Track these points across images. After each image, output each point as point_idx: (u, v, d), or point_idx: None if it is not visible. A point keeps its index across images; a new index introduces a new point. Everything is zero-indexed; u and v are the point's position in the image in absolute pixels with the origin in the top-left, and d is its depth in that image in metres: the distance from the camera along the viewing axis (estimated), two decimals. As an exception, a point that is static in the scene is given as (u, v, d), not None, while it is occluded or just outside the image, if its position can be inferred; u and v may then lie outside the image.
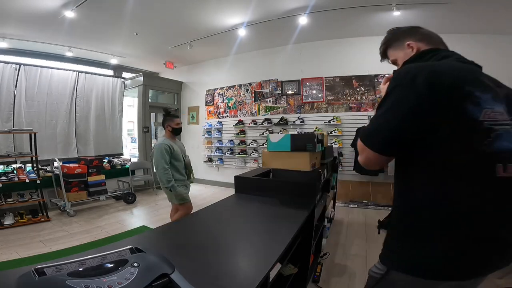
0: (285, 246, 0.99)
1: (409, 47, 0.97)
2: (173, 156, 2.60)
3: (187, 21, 4.19)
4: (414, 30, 1.01)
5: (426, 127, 0.72)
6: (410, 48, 0.97)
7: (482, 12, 3.52)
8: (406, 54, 0.97)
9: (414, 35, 0.99)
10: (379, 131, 0.81)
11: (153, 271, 0.57)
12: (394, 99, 0.77)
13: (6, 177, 3.64)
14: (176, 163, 2.64)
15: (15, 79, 4.46)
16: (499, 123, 0.71)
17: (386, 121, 0.78)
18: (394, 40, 1.05)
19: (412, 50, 0.96)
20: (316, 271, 2.23)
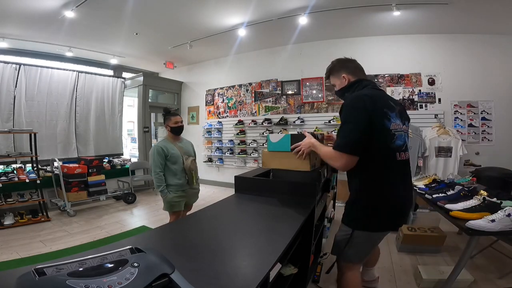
0: (285, 246, 0.99)
1: (343, 77, 1.46)
2: (169, 158, 2.41)
3: (187, 21, 4.18)
4: (348, 64, 1.48)
5: (370, 132, 1.23)
6: (343, 79, 1.46)
7: (482, 12, 3.52)
8: (342, 83, 1.47)
9: (347, 69, 1.47)
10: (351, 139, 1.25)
11: (153, 271, 0.57)
12: (355, 117, 1.25)
13: (6, 177, 3.64)
14: (173, 167, 2.43)
15: (15, 79, 4.46)
16: (397, 130, 1.32)
17: (354, 131, 1.25)
18: (334, 70, 1.51)
19: (345, 80, 1.45)
20: (316, 271, 2.23)
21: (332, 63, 1.53)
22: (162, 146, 2.42)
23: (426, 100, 4.44)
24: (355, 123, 1.24)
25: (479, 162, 4.11)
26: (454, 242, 2.91)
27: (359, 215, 1.35)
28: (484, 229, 1.59)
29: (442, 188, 2.41)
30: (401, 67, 4.54)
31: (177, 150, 2.46)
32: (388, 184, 1.30)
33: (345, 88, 1.45)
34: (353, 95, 1.33)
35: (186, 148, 2.58)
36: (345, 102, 1.33)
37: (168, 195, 2.41)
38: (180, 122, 2.52)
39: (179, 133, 2.55)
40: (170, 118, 2.48)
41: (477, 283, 2.11)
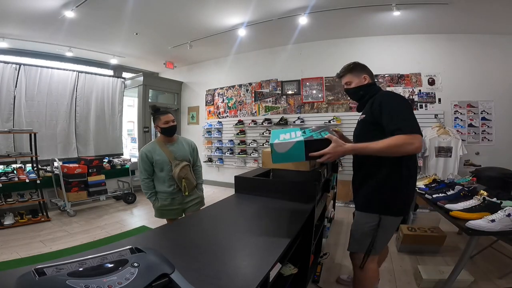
0: (285, 246, 0.99)
1: (364, 78, 1.56)
2: (155, 165, 2.12)
3: (187, 21, 4.18)
4: (367, 68, 1.60)
5: None
6: (364, 79, 1.56)
7: (482, 12, 3.52)
8: (360, 82, 1.56)
9: (367, 72, 1.58)
10: (415, 121, 1.29)
11: (153, 271, 0.57)
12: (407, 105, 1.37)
13: (6, 177, 3.63)
14: (160, 174, 2.13)
15: (15, 79, 4.46)
16: None
17: (411, 114, 1.31)
18: (355, 70, 1.58)
19: (364, 80, 1.56)
20: (316, 271, 2.23)
21: (353, 63, 1.60)
22: (147, 151, 2.12)
23: (426, 100, 4.44)
24: (409, 109, 1.33)
25: (479, 162, 4.11)
26: (454, 242, 2.91)
27: (388, 200, 1.38)
28: (484, 229, 1.59)
29: (442, 188, 2.41)
30: (401, 67, 4.54)
31: (164, 156, 2.11)
32: (415, 168, 1.43)
33: (364, 87, 1.55)
34: (390, 91, 1.61)
35: (180, 151, 2.19)
36: (384, 93, 1.46)
37: (156, 203, 2.17)
38: (172, 122, 2.12)
39: (171, 134, 2.17)
40: (160, 118, 2.10)
41: (477, 283, 2.11)
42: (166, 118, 2.10)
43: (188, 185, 2.16)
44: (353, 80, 1.57)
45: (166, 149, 2.15)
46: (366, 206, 1.46)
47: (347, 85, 1.60)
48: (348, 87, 1.59)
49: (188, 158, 2.22)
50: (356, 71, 1.57)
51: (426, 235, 2.71)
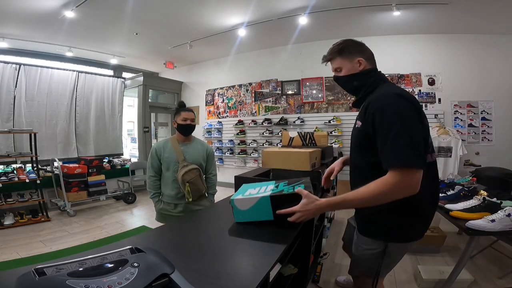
0: (285, 246, 0.99)
1: (358, 62, 1.15)
2: (162, 162, 2.00)
3: (187, 21, 4.18)
4: (364, 48, 1.19)
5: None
6: (358, 64, 1.15)
7: (482, 12, 3.52)
8: (354, 68, 1.16)
9: (364, 54, 1.17)
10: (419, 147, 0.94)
11: (153, 271, 0.57)
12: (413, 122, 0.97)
13: (6, 177, 3.63)
14: (165, 174, 2.00)
15: (15, 79, 4.47)
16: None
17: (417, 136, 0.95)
18: (346, 51, 1.17)
19: (359, 65, 1.15)
20: (316, 271, 2.23)
21: (343, 42, 1.19)
22: (157, 146, 2.04)
23: (426, 100, 4.44)
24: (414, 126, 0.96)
25: (479, 162, 4.11)
26: (454, 242, 2.91)
27: (395, 225, 1.08)
28: (484, 229, 1.59)
29: (442, 188, 2.41)
30: (401, 67, 4.54)
31: (173, 154, 1.97)
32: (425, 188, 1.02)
33: (357, 75, 1.15)
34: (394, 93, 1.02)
35: (192, 153, 2.04)
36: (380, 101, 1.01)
37: (159, 204, 2.03)
38: (190, 120, 1.99)
39: (186, 133, 2.04)
40: (180, 113, 2.01)
41: (477, 283, 2.11)
42: (185, 115, 1.98)
43: (193, 191, 1.94)
44: (344, 65, 1.17)
45: (178, 147, 2.00)
46: (368, 231, 1.16)
47: (336, 71, 1.22)
48: (338, 75, 1.21)
49: (199, 162, 2.04)
50: (347, 53, 1.17)
51: (426, 235, 2.68)
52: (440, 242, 2.71)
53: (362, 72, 1.15)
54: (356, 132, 1.15)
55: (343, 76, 1.19)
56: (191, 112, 2.05)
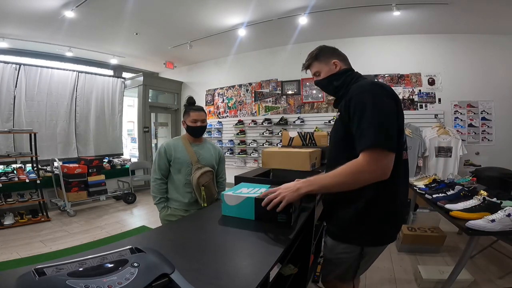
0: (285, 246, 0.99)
1: (334, 64, 1.23)
2: (173, 164, 1.81)
3: (187, 21, 4.18)
4: (338, 51, 1.28)
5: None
6: (334, 65, 1.22)
7: (482, 12, 3.52)
8: (330, 69, 1.23)
9: (338, 56, 1.25)
10: (389, 129, 0.96)
11: (153, 271, 0.57)
12: (386, 103, 1.00)
13: (6, 177, 3.64)
14: (176, 176, 1.82)
15: (15, 79, 4.47)
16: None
17: (388, 118, 0.97)
18: (322, 56, 1.26)
19: (336, 67, 1.22)
20: (316, 271, 2.23)
21: (318, 48, 1.29)
22: (167, 145, 1.84)
23: (426, 100, 4.44)
24: (387, 112, 0.97)
25: (479, 162, 4.11)
26: (454, 242, 2.91)
27: (371, 228, 1.07)
28: (484, 229, 1.59)
29: (442, 188, 2.41)
30: (401, 67, 4.54)
31: (186, 155, 1.80)
32: (400, 187, 1.09)
33: (335, 76, 1.21)
34: (370, 81, 1.09)
35: (206, 155, 1.90)
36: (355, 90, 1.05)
37: (164, 211, 1.81)
38: (201, 122, 1.84)
39: (196, 135, 1.89)
40: (189, 113, 1.84)
41: (477, 283, 2.11)
42: (195, 116, 1.82)
43: (208, 196, 1.80)
44: (322, 68, 1.25)
45: (191, 148, 1.84)
46: (343, 237, 1.15)
47: (316, 76, 1.30)
48: (318, 79, 1.28)
49: (212, 164, 1.91)
50: (322, 57, 1.26)
51: (426, 235, 2.71)
52: (440, 242, 2.71)
53: (340, 72, 1.21)
54: (336, 124, 1.19)
55: (323, 79, 1.26)
56: (202, 111, 1.87)
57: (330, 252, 1.23)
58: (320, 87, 1.31)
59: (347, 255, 1.14)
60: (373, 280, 2.25)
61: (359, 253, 1.11)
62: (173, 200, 1.83)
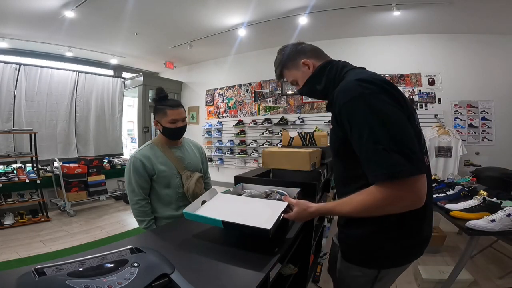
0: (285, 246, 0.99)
1: (304, 65, 1.00)
2: (156, 179, 1.47)
3: (187, 21, 4.18)
4: (300, 47, 1.03)
5: None
6: (305, 66, 1.00)
7: (482, 12, 3.52)
8: (304, 73, 1.00)
9: (304, 53, 1.01)
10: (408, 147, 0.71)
11: (153, 271, 0.57)
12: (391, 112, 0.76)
13: (6, 177, 3.64)
14: (164, 192, 1.50)
15: (15, 79, 4.46)
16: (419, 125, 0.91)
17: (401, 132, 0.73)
18: (287, 61, 1.04)
19: (308, 67, 0.99)
20: (316, 271, 2.23)
21: (281, 53, 1.06)
22: (143, 157, 1.46)
23: (426, 100, 4.44)
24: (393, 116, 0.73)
25: (479, 162, 4.11)
26: (454, 242, 2.91)
27: (389, 249, 0.89)
28: (484, 229, 1.59)
29: (442, 188, 2.41)
30: (401, 67, 4.54)
31: (170, 165, 1.51)
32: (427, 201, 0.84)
33: (315, 78, 0.99)
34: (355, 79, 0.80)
35: (190, 158, 1.61)
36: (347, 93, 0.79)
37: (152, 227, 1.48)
38: (181, 121, 1.51)
39: (177, 137, 1.57)
40: (166, 112, 1.46)
41: (477, 283, 2.11)
42: (175, 115, 1.47)
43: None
44: (295, 75, 1.03)
45: (172, 154, 1.53)
46: (356, 259, 0.96)
47: (295, 85, 1.07)
48: (298, 88, 1.07)
49: (200, 168, 1.67)
50: (288, 63, 1.04)
51: (426, 235, 2.70)
52: (440, 242, 2.71)
53: (316, 72, 0.99)
54: (331, 134, 0.96)
55: (302, 87, 1.04)
56: (181, 108, 1.52)
57: (340, 273, 1.06)
58: (306, 95, 1.10)
59: (359, 279, 0.97)
60: (373, 280, 2.25)
61: (375, 277, 0.94)
62: (164, 218, 1.51)
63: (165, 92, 1.51)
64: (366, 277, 0.96)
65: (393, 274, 1.02)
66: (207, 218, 0.98)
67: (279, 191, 1.27)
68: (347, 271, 1.01)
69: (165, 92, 1.51)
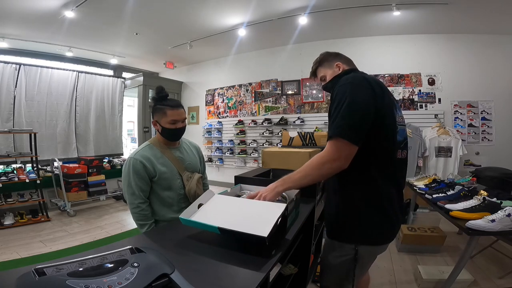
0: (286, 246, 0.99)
1: (337, 66, 1.28)
2: (157, 180, 1.44)
3: (187, 21, 4.18)
4: (340, 55, 1.33)
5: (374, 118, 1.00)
6: (337, 68, 1.28)
7: (482, 12, 3.52)
8: (334, 72, 1.28)
9: (341, 59, 1.31)
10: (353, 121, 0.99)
11: (153, 271, 0.57)
12: (358, 96, 1.01)
13: (6, 177, 3.64)
14: (165, 194, 1.47)
15: (15, 79, 4.46)
16: (401, 124, 1.15)
17: (356, 111, 0.99)
18: (325, 60, 1.33)
19: (339, 69, 1.27)
20: (316, 271, 2.23)
21: (322, 55, 1.36)
22: (144, 158, 1.42)
23: (426, 100, 4.44)
24: (357, 103, 0.99)
25: (479, 162, 4.11)
26: (454, 242, 2.91)
27: (364, 227, 1.08)
28: (484, 229, 1.59)
29: (442, 188, 2.41)
30: (401, 67, 4.54)
31: (171, 166, 1.49)
32: (392, 186, 1.10)
33: (338, 77, 1.24)
34: (352, 74, 1.13)
35: (190, 159, 1.60)
36: (341, 82, 1.09)
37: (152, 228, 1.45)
38: (181, 122, 1.48)
39: (176, 138, 1.55)
40: (166, 112, 1.43)
41: (477, 283, 2.11)
42: (175, 115, 1.44)
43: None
44: (327, 72, 1.31)
45: (171, 155, 1.51)
46: (337, 234, 1.17)
47: (322, 80, 1.35)
48: (324, 83, 1.33)
49: (198, 168, 1.65)
50: (326, 62, 1.32)
51: (426, 235, 2.71)
52: (440, 242, 2.71)
53: (342, 73, 1.24)
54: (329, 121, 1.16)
55: (328, 82, 1.30)
56: (181, 108, 1.49)
57: (325, 254, 1.25)
58: (327, 90, 1.31)
59: (341, 258, 1.15)
60: (373, 280, 2.24)
61: (354, 256, 1.11)
62: (166, 221, 1.46)
63: (165, 91, 1.48)
64: (347, 257, 1.13)
65: (369, 254, 1.16)
66: (203, 224, 0.98)
67: None
68: (330, 251, 1.21)
69: (165, 92, 1.48)
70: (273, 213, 0.97)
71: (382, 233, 1.11)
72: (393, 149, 1.10)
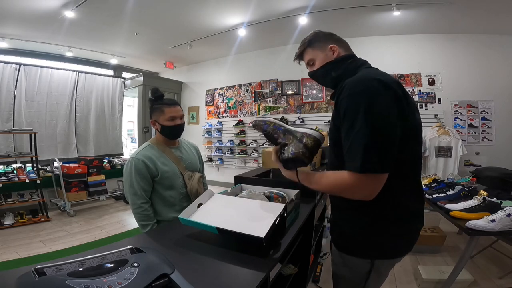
0: (285, 246, 0.99)
1: (331, 50, 1.01)
2: (159, 180, 1.44)
3: (187, 21, 4.18)
4: (335, 36, 1.06)
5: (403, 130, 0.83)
6: (331, 51, 1.01)
7: (482, 12, 3.52)
8: (327, 56, 1.01)
9: (336, 40, 1.04)
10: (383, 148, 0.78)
11: (153, 271, 0.57)
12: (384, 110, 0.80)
13: (6, 177, 3.63)
14: (167, 193, 1.47)
15: (15, 79, 4.46)
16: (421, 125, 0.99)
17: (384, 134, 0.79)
18: (316, 41, 1.05)
19: (333, 53, 1.00)
20: (316, 271, 2.23)
21: (313, 33, 1.08)
22: (145, 157, 1.42)
23: (426, 100, 4.44)
24: (381, 120, 0.77)
25: (479, 162, 4.11)
26: (454, 242, 2.91)
27: (382, 239, 0.92)
28: (484, 229, 1.59)
29: (442, 188, 2.41)
30: (401, 67, 4.54)
31: (172, 165, 1.49)
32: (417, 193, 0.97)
33: (332, 64, 0.99)
34: (360, 75, 0.86)
35: (190, 158, 1.61)
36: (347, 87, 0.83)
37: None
38: (180, 119, 1.50)
39: (176, 136, 1.56)
40: (163, 110, 1.46)
41: (477, 283, 2.11)
42: (173, 112, 1.46)
43: None
44: (316, 56, 1.03)
45: (172, 154, 1.51)
46: (350, 249, 0.99)
47: (310, 65, 1.06)
48: (312, 69, 1.06)
49: (198, 168, 1.67)
50: (316, 43, 1.04)
51: (426, 235, 2.70)
52: (440, 242, 2.71)
53: (338, 59, 0.99)
54: (331, 123, 0.97)
55: (318, 69, 1.02)
56: (178, 106, 1.52)
57: (337, 267, 1.09)
58: (315, 79, 1.07)
59: (355, 270, 1.00)
60: (373, 280, 2.25)
61: (370, 268, 0.96)
62: (168, 221, 1.45)
63: (160, 91, 1.50)
64: (360, 270, 0.98)
65: (385, 267, 1.02)
66: (202, 224, 0.98)
67: (278, 193, 1.27)
68: (340, 263, 1.05)
69: (160, 92, 1.50)
70: (272, 213, 0.97)
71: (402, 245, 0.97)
72: (419, 160, 0.96)
